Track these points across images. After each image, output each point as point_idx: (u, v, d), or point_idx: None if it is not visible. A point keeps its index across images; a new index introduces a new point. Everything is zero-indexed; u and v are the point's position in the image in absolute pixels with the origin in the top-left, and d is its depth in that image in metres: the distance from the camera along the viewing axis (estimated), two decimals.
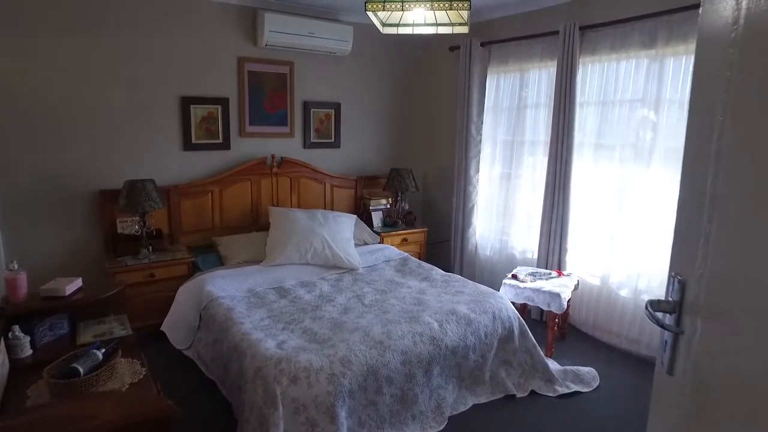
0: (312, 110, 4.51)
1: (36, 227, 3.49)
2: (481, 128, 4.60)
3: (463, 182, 4.70)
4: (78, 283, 2.37)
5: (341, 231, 4.01)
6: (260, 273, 3.54)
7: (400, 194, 4.70)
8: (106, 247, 3.63)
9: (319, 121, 4.57)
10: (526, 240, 4.34)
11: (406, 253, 4.21)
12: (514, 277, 3.59)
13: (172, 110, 3.85)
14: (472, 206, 4.70)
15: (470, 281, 3.53)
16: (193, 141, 3.96)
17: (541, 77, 4.08)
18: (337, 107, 4.64)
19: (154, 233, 3.60)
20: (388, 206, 4.80)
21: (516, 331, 3.06)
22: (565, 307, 3.29)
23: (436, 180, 5.24)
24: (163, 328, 3.29)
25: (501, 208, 4.54)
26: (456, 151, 4.73)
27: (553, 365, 3.16)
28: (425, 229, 4.81)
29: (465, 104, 4.58)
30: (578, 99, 3.73)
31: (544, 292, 3.33)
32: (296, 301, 3.17)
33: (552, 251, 3.96)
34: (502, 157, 4.49)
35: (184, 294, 3.33)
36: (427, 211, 5.38)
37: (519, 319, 3.11)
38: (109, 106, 3.60)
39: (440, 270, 3.79)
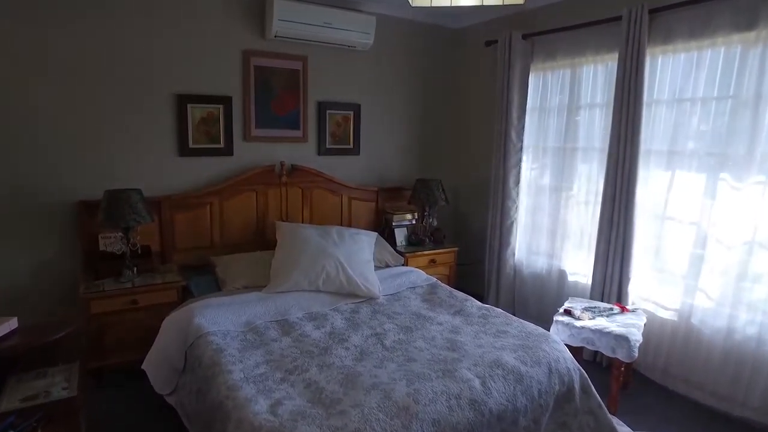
0: (328, 112, 3.96)
1: (2, 246, 3.00)
2: (522, 133, 3.97)
3: (501, 195, 4.08)
4: (11, 324, 1.85)
5: (359, 252, 3.42)
6: (262, 302, 2.97)
7: (427, 208, 4.10)
8: (85, 267, 3.12)
9: (336, 125, 4.02)
10: (577, 264, 3.68)
11: (435, 278, 3.59)
12: (568, 312, 2.94)
13: (166, 110, 3.34)
14: (511, 223, 4.06)
15: (513, 317, 2.89)
16: (190, 145, 3.44)
17: (597, 73, 3.44)
18: (356, 109, 4.09)
19: (139, 252, 3.08)
20: (414, 222, 4.21)
21: (577, 387, 2.41)
22: (636, 354, 2.63)
23: (469, 192, 4.61)
24: (144, 366, 2.73)
25: (546, 225, 3.90)
26: (493, 159, 4.12)
27: (622, 428, 2.50)
28: (456, 248, 4.19)
29: (504, 106, 3.97)
30: (645, 98, 3.08)
31: (608, 334, 2.67)
32: (302, 339, 2.59)
33: (610, 278, 3.29)
34: (548, 167, 3.85)
35: (169, 326, 2.77)
36: (457, 228, 4.76)
37: (580, 371, 2.46)
38: (91, 105, 3.11)
39: (476, 301, 3.17)
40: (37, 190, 3.03)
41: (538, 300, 3.94)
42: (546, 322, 3.72)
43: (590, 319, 2.82)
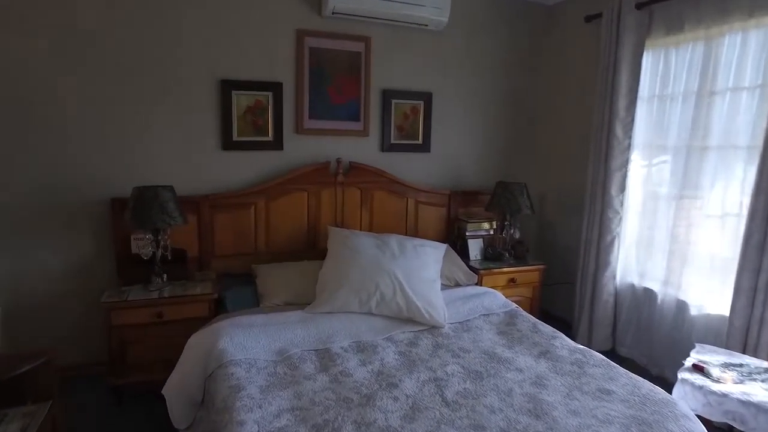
0: (393, 102, 3.41)
1: (35, 247, 2.75)
2: (631, 128, 3.18)
3: (600, 204, 3.31)
4: None
5: (423, 268, 2.84)
6: (302, 324, 2.49)
7: (508, 217, 3.43)
8: (118, 271, 2.82)
9: (403, 117, 3.47)
10: (704, 296, 2.83)
11: (514, 304, 2.92)
12: (699, 369, 2.16)
13: (208, 98, 2.96)
14: (613, 239, 3.28)
15: (619, 369, 2.17)
16: (235, 138, 3.04)
17: (747, 44, 2.59)
18: (427, 98, 3.51)
19: (169, 257, 2.71)
20: (492, 232, 3.55)
21: None
22: None
23: (559, 200, 3.86)
24: (164, 391, 2.33)
25: (661, 243, 3.08)
26: (591, 160, 3.36)
27: None
28: (542, 265, 3.48)
29: (607, 94, 3.21)
30: None
31: None
32: (342, 380, 2.05)
33: (759, 322, 2.45)
34: (666, 170, 3.03)
35: (192, 347, 2.36)
36: (544, 242, 4.02)
37: None
38: (124, 93, 2.79)
39: (567, 339, 2.48)
40: (69, 187, 2.77)
41: (648, 339, 3.12)
42: (660, 373, 2.95)
43: (736, 382, 2.03)
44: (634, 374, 2.12)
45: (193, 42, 2.88)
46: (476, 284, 3.20)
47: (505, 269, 3.33)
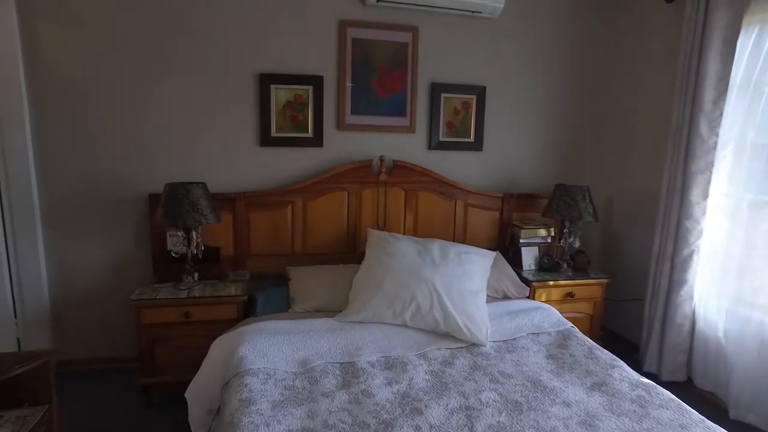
0: (443, 96, 3.17)
1: (81, 238, 2.80)
2: (718, 124, 2.73)
3: (677, 213, 2.88)
4: None
5: (466, 277, 2.58)
6: (330, 334, 2.32)
7: (568, 224, 3.08)
8: (154, 268, 2.79)
9: (453, 112, 3.21)
10: None
11: (570, 323, 2.60)
12: None
13: (246, 92, 2.87)
14: (691, 253, 2.84)
15: (694, 414, 1.82)
16: (273, 134, 2.93)
17: None
18: (480, 92, 3.23)
19: (200, 256, 2.63)
20: (549, 240, 3.21)
21: None
22: None
23: (628, 206, 3.44)
24: (187, 395, 2.25)
25: (752, 261, 2.62)
26: (667, 162, 2.94)
27: None
28: (605, 279, 3.10)
29: (690, 84, 2.79)
30: None
31: None
32: (362, 401, 1.86)
33: None
34: (760, 174, 2.58)
35: (215, 351, 2.25)
36: (608, 253, 3.60)
37: None
38: (159, 85, 2.77)
39: (628, 370, 2.14)
40: (112, 183, 2.80)
41: (730, 373, 2.67)
42: (741, 416, 2.53)
43: None
44: (712, 423, 1.76)
45: (230, 35, 2.80)
46: (528, 297, 2.90)
47: (562, 282, 2.99)
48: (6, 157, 2.65)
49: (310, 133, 2.99)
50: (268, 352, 2.15)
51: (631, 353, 3.10)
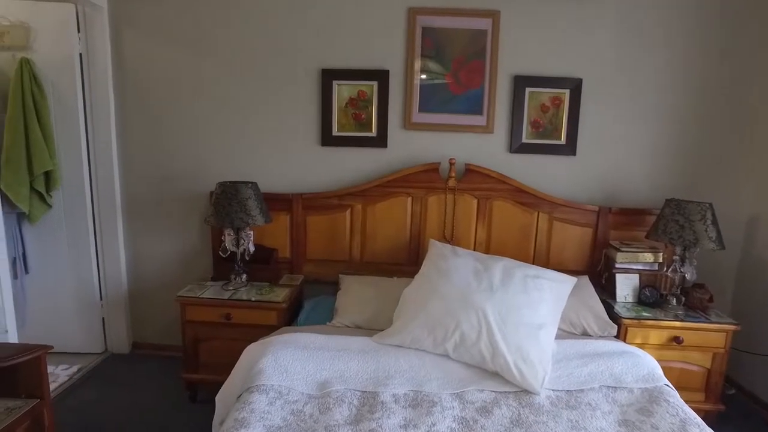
0: (528, 90, 2.73)
1: (154, 232, 2.97)
2: None
3: None
4: None
5: (530, 307, 2.15)
6: (362, 355, 2.09)
7: (682, 250, 2.45)
8: (214, 266, 2.83)
9: (541, 109, 2.75)
10: None
11: (665, 380, 2.03)
12: None
13: (308, 89, 2.76)
14: None
15: None
16: (335, 132, 2.78)
17: None
18: (574, 86, 2.72)
19: (247, 257, 2.58)
20: (656, 268, 2.60)
21: None
22: None
23: None
24: (217, 398, 2.21)
25: None
26: None
27: None
28: (733, 325, 2.39)
29: None
30: None
31: None
32: None
33: None
34: None
35: (244, 359, 2.16)
36: (742, 291, 2.81)
37: None
38: (221, 80, 2.79)
39: None
40: (180, 181, 2.91)
41: None
42: None
43: None
44: None
45: (292, 29, 2.71)
46: (615, 338, 2.36)
47: (667, 322, 2.37)
48: (97, 156, 2.88)
49: (373, 133, 2.78)
50: (290, 368, 2.00)
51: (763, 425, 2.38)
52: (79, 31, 2.74)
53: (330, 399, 1.86)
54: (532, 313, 2.14)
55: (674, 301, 2.48)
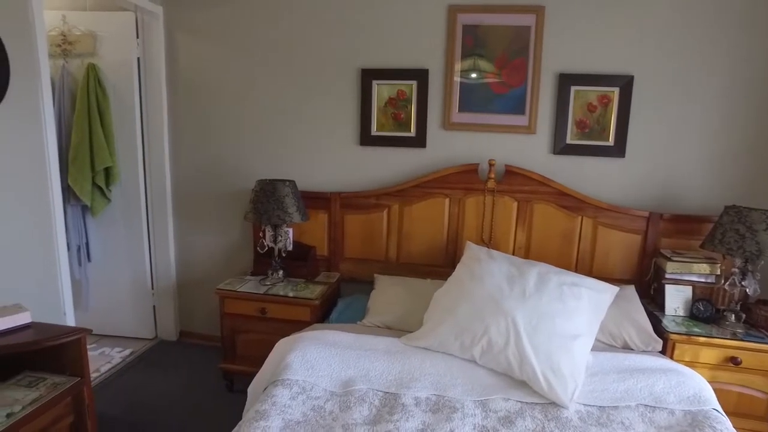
0: (573, 89, 2.60)
1: (200, 227, 3.11)
2: None
3: None
4: (20, 318, 1.61)
5: (564, 316, 2.06)
6: (388, 356, 2.08)
7: (743, 262, 2.24)
8: (255, 260, 2.92)
9: (587, 109, 2.62)
10: None
11: (715, 403, 1.86)
12: None
13: (348, 88, 2.79)
14: None
15: None
16: (373, 132, 2.79)
17: None
18: (625, 84, 2.56)
19: (283, 254, 2.64)
20: (713, 280, 2.40)
21: None
22: None
23: None
24: (249, 389, 2.28)
25: None
26: None
27: None
28: None
29: None
30: None
31: None
32: None
33: None
34: None
35: (273, 353, 2.22)
36: None
37: None
38: (264, 79, 2.88)
39: None
40: (225, 178, 3.04)
41: None
42: None
43: None
44: None
45: (332, 29, 2.74)
46: (660, 353, 2.20)
47: (722, 340, 2.18)
48: (151, 154, 3.06)
49: (412, 132, 2.76)
50: (316, 365, 2.03)
51: None
52: (137, 37, 2.92)
53: (352, 397, 1.86)
54: (567, 323, 2.04)
55: (733, 317, 2.28)
